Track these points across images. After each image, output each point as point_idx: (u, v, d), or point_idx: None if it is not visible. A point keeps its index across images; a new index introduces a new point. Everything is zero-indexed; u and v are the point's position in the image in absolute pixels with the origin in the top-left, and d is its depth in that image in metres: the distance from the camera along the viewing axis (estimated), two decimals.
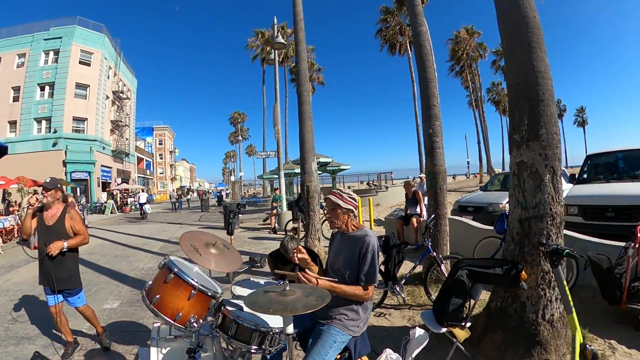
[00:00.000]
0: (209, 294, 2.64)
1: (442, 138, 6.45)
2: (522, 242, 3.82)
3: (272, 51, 18.57)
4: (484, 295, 4.60)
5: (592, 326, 4.33)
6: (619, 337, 4.12)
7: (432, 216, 6.27)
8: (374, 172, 46.00)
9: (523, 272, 3.50)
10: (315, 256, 3.44)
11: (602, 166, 8.85)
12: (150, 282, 2.73)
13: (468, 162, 61.92)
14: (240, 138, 75.39)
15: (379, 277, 3.18)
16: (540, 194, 3.73)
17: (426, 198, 7.35)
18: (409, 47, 34.57)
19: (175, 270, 2.57)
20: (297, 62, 9.86)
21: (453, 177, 71.71)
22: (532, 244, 3.74)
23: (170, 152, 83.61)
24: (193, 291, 2.56)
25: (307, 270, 2.65)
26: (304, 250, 2.80)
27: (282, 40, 15.65)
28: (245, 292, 3.20)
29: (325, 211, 2.97)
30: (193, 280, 2.58)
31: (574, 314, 3.06)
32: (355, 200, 2.83)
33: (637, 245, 4.29)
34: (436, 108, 6.38)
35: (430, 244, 5.86)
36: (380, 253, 2.84)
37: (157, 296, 2.52)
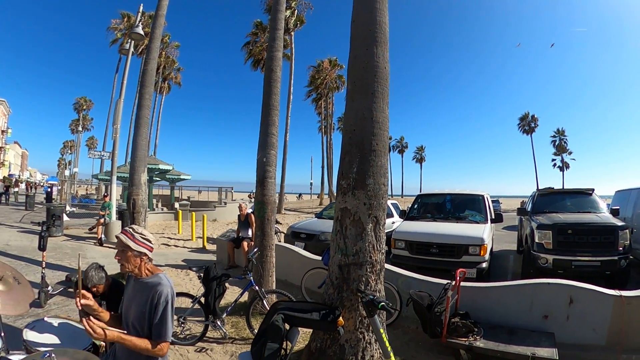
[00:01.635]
0: None
1: (276, 167, 6.28)
2: (341, 287, 3.79)
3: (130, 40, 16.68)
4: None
5: (415, 358, 4.54)
6: None
7: (255, 249, 5.96)
8: (218, 183, 44.27)
9: (340, 318, 3.45)
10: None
11: (431, 205, 9.82)
12: None
13: (311, 184, 64.66)
14: (81, 128, 66.21)
15: (186, 321, 2.71)
16: (362, 242, 3.74)
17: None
18: None
19: None
20: (146, 60, 8.86)
21: (299, 196, 73.78)
22: (351, 290, 3.74)
23: (2, 131, 68.74)
24: None
25: (93, 317, 2.16)
26: (88, 295, 2.26)
27: (141, 32, 14.17)
28: (39, 338, 2.74)
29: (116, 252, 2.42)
30: None
31: (392, 358, 3.12)
32: (149, 241, 2.39)
33: (455, 286, 4.68)
34: (274, 137, 6.16)
35: (252, 277, 5.51)
36: (172, 300, 2.38)
37: None
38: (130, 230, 2.37)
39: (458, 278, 4.69)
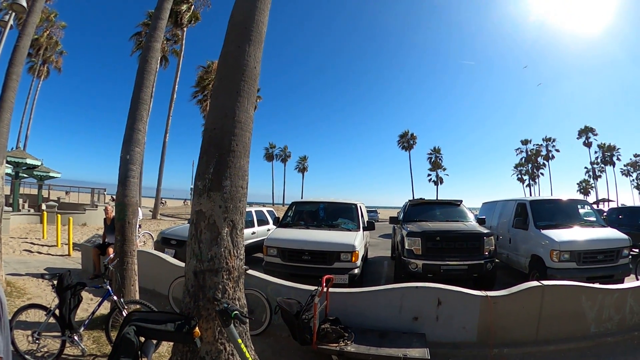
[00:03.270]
0: None
1: (141, 166, 5.84)
2: (197, 296, 3.56)
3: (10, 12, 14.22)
4: None
5: None
6: None
7: (111, 255, 5.45)
8: (92, 184, 40.26)
9: (197, 328, 3.29)
10: None
11: (305, 213, 9.94)
12: None
13: (191, 189, 62.22)
14: None
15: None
16: (217, 247, 3.56)
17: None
18: (159, 61, 32.99)
19: None
20: (20, 36, 7.67)
21: (185, 202, 68.22)
22: (207, 298, 3.52)
23: None
24: None
25: None
26: None
27: (24, 3, 12.03)
28: None
29: None
30: None
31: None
32: None
33: (322, 291, 4.70)
34: (140, 133, 5.71)
35: (109, 286, 5.00)
36: None
37: None
38: None
39: (324, 284, 4.73)
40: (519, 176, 75.87)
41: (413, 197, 20.92)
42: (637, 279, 8.69)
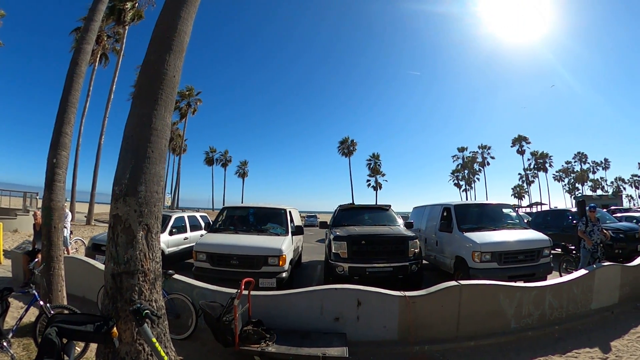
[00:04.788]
0: None
1: (66, 171, 5.79)
2: (115, 297, 3.66)
3: None
4: None
5: None
6: None
7: (36, 260, 5.40)
8: (25, 187, 37.66)
9: (114, 329, 3.36)
10: None
11: (235, 218, 9.97)
12: None
13: None
14: None
15: None
16: (132, 250, 3.67)
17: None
18: (98, 59, 31.44)
19: None
20: None
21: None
22: (125, 300, 3.62)
23: None
24: None
25: None
26: None
27: None
28: None
29: None
30: None
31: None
32: None
33: (241, 294, 4.77)
34: (67, 136, 5.67)
35: (36, 291, 4.95)
36: None
37: None
38: None
39: (242, 287, 4.85)
40: (456, 182, 79.17)
41: (353, 202, 21.30)
42: (561, 277, 9.33)
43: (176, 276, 5.89)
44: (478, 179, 77.55)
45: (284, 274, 7.46)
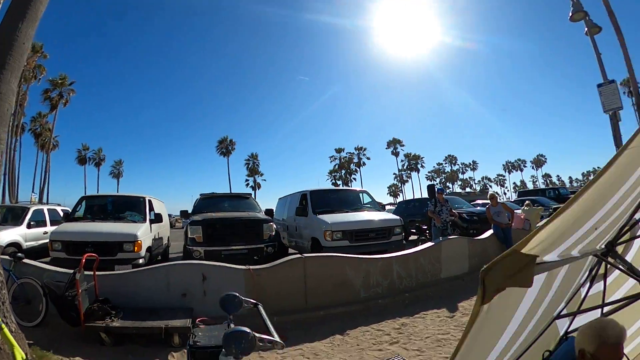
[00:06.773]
0: None
1: None
2: None
3: None
4: None
5: (58, 349, 4.41)
6: (85, 353, 4.45)
7: None
8: None
9: None
10: None
11: (94, 207, 9.66)
12: None
13: None
14: None
15: None
16: None
17: None
18: None
19: None
20: None
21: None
22: None
23: None
24: None
25: None
26: None
27: None
28: None
29: None
30: None
31: (5, 331, 3.12)
32: None
33: (81, 269, 4.83)
34: None
35: None
36: None
37: None
38: None
39: (83, 263, 4.88)
40: (333, 181, 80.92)
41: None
42: None
43: (25, 260, 5.64)
44: (355, 179, 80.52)
45: (140, 260, 7.46)
